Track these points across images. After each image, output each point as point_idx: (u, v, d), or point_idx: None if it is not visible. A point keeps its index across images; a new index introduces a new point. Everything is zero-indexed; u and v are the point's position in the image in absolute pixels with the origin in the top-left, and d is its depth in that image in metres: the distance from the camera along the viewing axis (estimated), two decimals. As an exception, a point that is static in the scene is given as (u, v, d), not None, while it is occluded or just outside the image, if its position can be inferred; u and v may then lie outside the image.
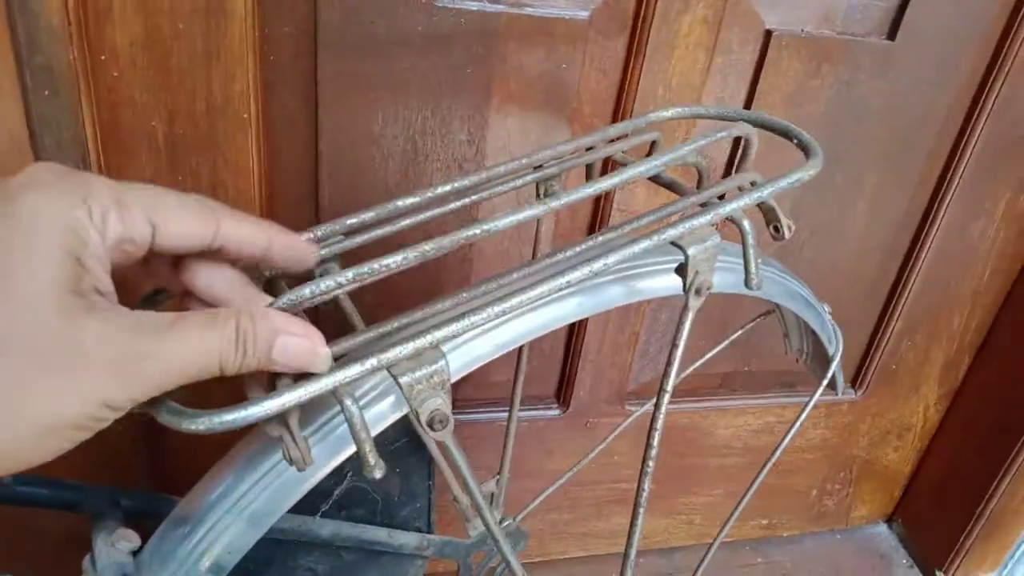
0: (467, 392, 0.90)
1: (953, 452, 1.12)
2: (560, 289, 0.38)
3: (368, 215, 0.41)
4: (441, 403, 0.36)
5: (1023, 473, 1.02)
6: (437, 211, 0.43)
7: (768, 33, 0.73)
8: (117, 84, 0.60)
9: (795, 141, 0.46)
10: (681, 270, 0.43)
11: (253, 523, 0.42)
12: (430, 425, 0.37)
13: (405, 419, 0.61)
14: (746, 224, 0.44)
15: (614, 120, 0.74)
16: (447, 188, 0.44)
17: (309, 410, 0.41)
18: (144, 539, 0.45)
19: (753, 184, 0.45)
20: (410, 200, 0.42)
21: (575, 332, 0.89)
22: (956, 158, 0.87)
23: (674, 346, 0.48)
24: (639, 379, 0.95)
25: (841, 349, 0.70)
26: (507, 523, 0.79)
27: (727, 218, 0.43)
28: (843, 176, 0.85)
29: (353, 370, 0.33)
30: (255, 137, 0.65)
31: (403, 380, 0.35)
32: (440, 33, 0.66)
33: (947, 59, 0.80)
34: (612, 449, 1.01)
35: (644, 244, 0.40)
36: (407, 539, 0.70)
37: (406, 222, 0.42)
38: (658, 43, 0.70)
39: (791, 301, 0.59)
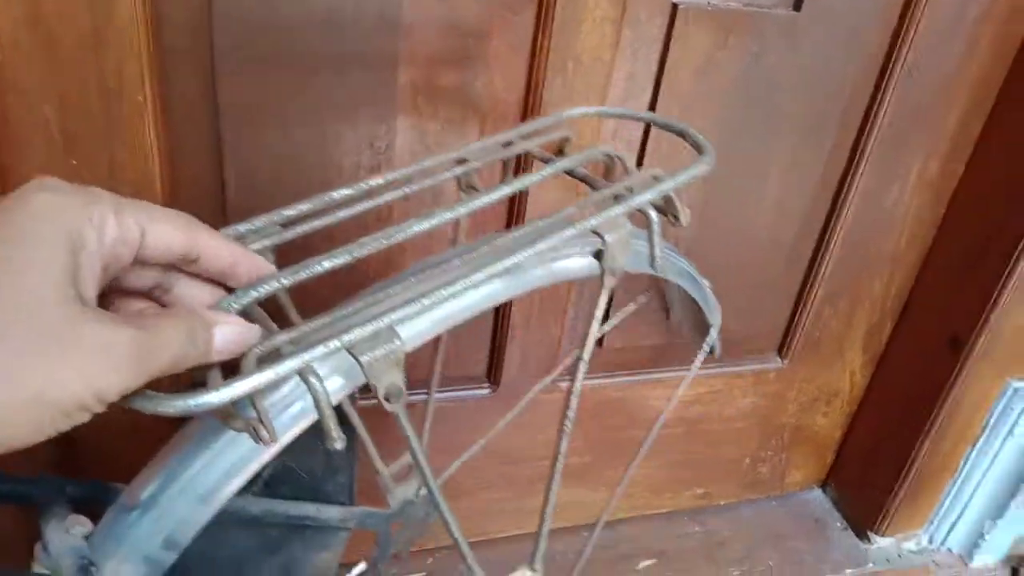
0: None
1: (880, 416, 1.15)
2: (500, 273, 0.43)
3: (304, 207, 0.44)
4: (396, 378, 0.40)
5: (944, 431, 1.06)
6: (369, 204, 0.47)
7: (674, 6, 0.74)
8: (1, 69, 0.58)
9: (689, 141, 0.53)
10: (599, 255, 0.49)
11: (204, 501, 0.44)
12: (387, 398, 0.41)
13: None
14: (652, 214, 0.50)
15: (526, 96, 0.74)
16: (380, 181, 0.48)
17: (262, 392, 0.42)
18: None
19: (656, 179, 0.50)
20: (344, 192, 0.46)
21: (501, 311, 0.89)
22: (867, 126, 0.89)
23: (593, 319, 0.54)
24: (569, 356, 0.96)
25: (719, 322, 0.74)
26: (424, 492, 0.80)
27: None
28: (757, 145, 0.86)
29: (318, 351, 0.36)
30: (151, 126, 0.63)
31: (363, 359, 0.39)
32: (344, 7, 0.65)
33: (853, 28, 0.81)
34: (544, 425, 1.02)
35: (571, 231, 0.45)
36: (332, 513, 0.71)
37: (341, 214, 0.46)
38: (565, 18, 0.70)
39: (681, 279, 0.64)
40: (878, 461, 1.16)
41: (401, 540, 0.81)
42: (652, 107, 0.79)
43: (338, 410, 0.70)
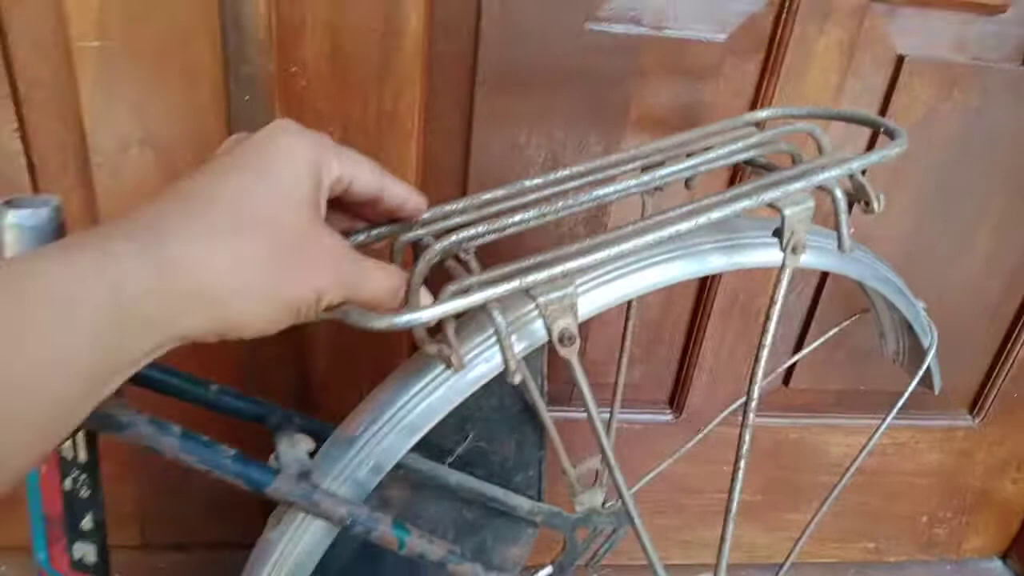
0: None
1: (1076, 488, 1.09)
2: (669, 239, 0.45)
3: (499, 192, 0.50)
4: (570, 323, 0.44)
5: None
6: (557, 188, 0.51)
7: (900, 58, 0.76)
8: (304, 93, 0.68)
9: (882, 129, 0.52)
10: (778, 232, 0.48)
11: (408, 432, 0.50)
12: (560, 341, 0.45)
13: (521, 399, 0.68)
14: (838, 192, 0.48)
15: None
16: (566, 172, 0.52)
17: (463, 337, 0.50)
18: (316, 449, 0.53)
19: (844, 160, 0.49)
20: (536, 181, 0.51)
21: (692, 339, 0.93)
22: (1088, 185, 0.86)
23: (772, 303, 0.53)
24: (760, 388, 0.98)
25: (936, 343, 0.72)
26: (610, 504, 0.83)
27: (821, 187, 0.48)
28: (971, 199, 0.86)
29: (500, 288, 0.41)
30: (416, 144, 0.72)
31: (540, 300, 0.43)
32: (587, 52, 0.72)
33: (1083, 86, 0.80)
34: (722, 459, 1.04)
35: (744, 203, 0.46)
36: (520, 502, 0.75)
37: (531, 197, 0.50)
38: (792, 65, 0.74)
39: (882, 284, 0.63)
40: (1071, 537, 1.10)
41: (591, 551, 0.85)
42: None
43: (529, 410, 0.76)
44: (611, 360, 0.81)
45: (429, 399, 0.50)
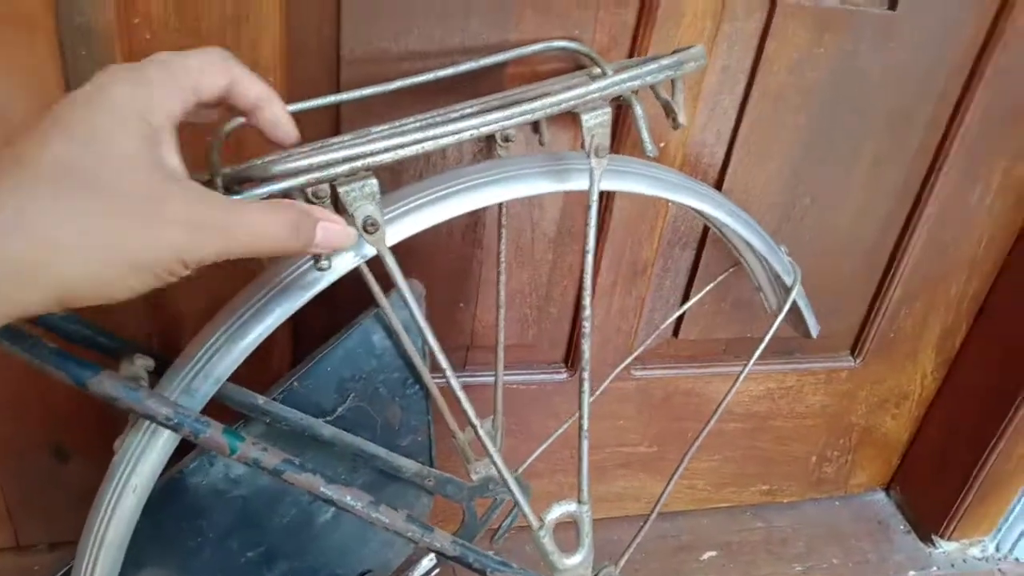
0: (479, 357, 0.93)
1: (949, 419, 1.15)
2: (467, 131, 0.52)
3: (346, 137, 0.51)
4: (373, 210, 0.49)
5: (1017, 437, 1.05)
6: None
7: (773, 3, 0.75)
8: (150, 46, 0.62)
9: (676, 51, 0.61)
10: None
11: (241, 338, 0.52)
12: (365, 229, 0.49)
13: (403, 359, 0.67)
14: (634, 100, 0.57)
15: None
16: (411, 121, 0.55)
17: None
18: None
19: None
20: (382, 127, 0.53)
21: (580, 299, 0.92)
22: (954, 127, 0.89)
23: (588, 206, 0.58)
24: (644, 346, 0.98)
25: (798, 281, 0.76)
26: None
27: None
28: (843, 144, 0.87)
29: (304, 177, 0.47)
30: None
31: (341, 190, 0.48)
32: None
33: (946, 29, 0.82)
34: (617, 413, 1.05)
35: (546, 106, 0.53)
36: (406, 464, 0.73)
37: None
38: (668, 11, 0.72)
39: (727, 216, 0.69)
40: (946, 465, 1.16)
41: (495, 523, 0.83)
42: (744, 100, 0.80)
43: (411, 369, 0.74)
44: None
45: (261, 309, 0.52)
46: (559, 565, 0.64)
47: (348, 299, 0.68)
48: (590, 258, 0.59)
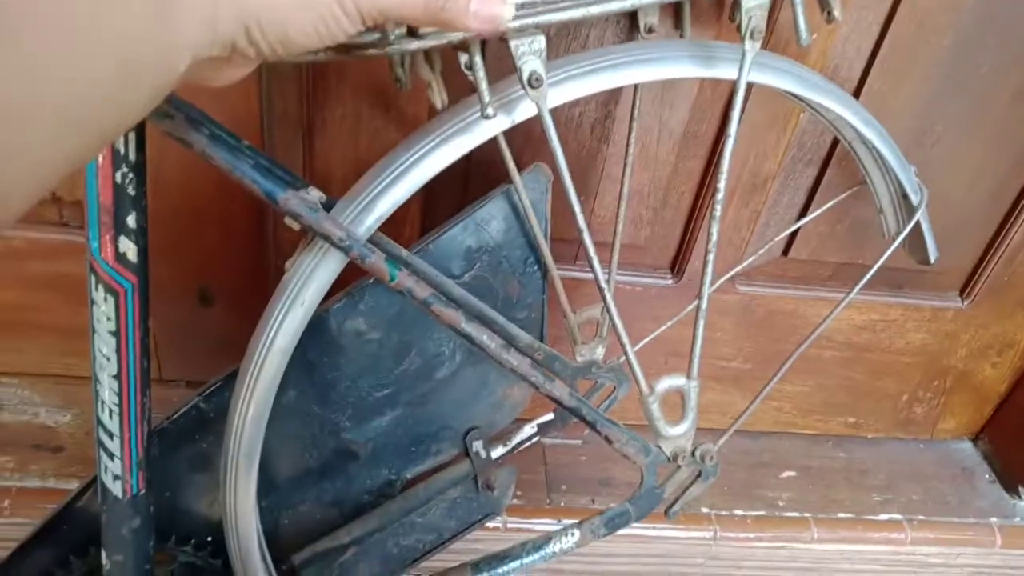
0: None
1: (1052, 375, 1.14)
2: (626, 9, 0.55)
3: None
4: (538, 66, 0.52)
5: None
6: None
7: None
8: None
9: None
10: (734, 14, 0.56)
11: (407, 183, 0.57)
12: (529, 83, 0.52)
13: (525, 238, 0.71)
14: None
15: None
16: None
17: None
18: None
19: None
20: None
21: (698, 203, 0.94)
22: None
23: (735, 90, 0.59)
24: (754, 260, 1.00)
25: (925, 201, 0.76)
26: (611, 361, 0.87)
27: None
28: (985, 74, 0.85)
29: None
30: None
31: (512, 43, 0.51)
32: None
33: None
34: (716, 325, 1.07)
35: None
36: (519, 334, 0.77)
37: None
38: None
39: (858, 120, 0.69)
40: (1042, 420, 1.15)
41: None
42: (890, 15, 0.80)
43: (533, 248, 0.78)
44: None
45: (424, 156, 0.57)
46: (664, 432, 0.68)
47: (472, 184, 0.73)
48: (730, 142, 0.61)
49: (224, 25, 0.36)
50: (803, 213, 0.97)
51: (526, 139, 0.83)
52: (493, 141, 0.60)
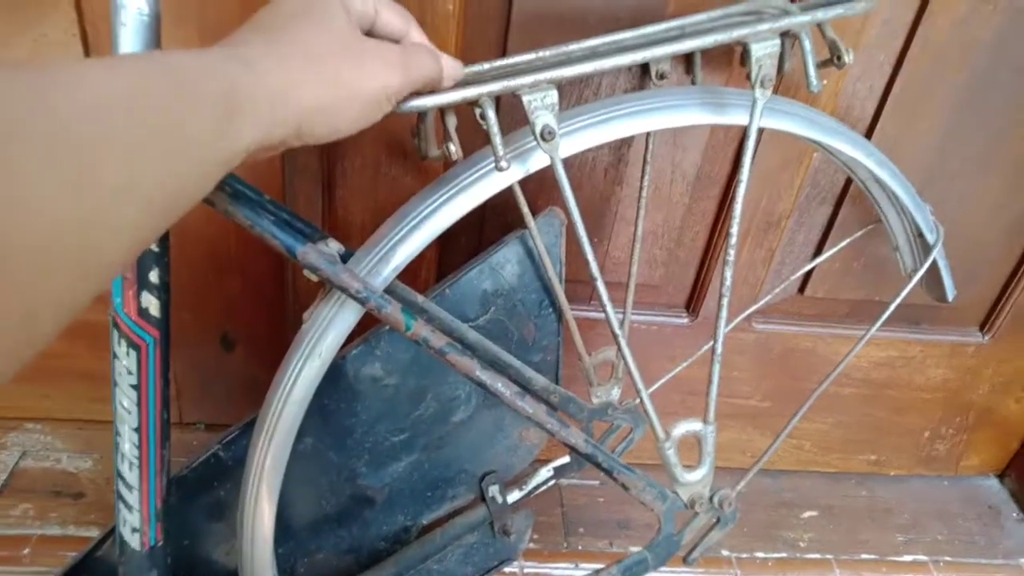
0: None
1: (1079, 409, 1.12)
2: (637, 61, 0.56)
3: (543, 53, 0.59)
4: (551, 120, 0.54)
5: None
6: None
7: (944, -44, 0.75)
8: None
9: None
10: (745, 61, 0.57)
11: (421, 235, 0.58)
12: (542, 137, 0.54)
13: (540, 281, 0.72)
14: (804, 36, 0.58)
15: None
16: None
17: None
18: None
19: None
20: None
21: (712, 243, 0.94)
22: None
23: (746, 136, 0.60)
24: (770, 299, 0.99)
25: (941, 240, 0.75)
26: (627, 403, 0.86)
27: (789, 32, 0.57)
28: (1001, 108, 0.85)
29: (491, 86, 0.53)
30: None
31: (524, 99, 0.53)
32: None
33: None
34: (733, 364, 1.07)
35: (716, 36, 0.56)
36: (535, 376, 0.78)
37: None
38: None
39: (875, 163, 0.69)
40: (1070, 456, 1.13)
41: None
42: (903, 54, 0.80)
43: (548, 292, 0.79)
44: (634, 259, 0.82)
45: (440, 207, 0.59)
46: (680, 478, 0.68)
47: (488, 229, 0.73)
48: (742, 187, 0.62)
49: (280, 128, 0.40)
50: (818, 251, 0.97)
51: (540, 184, 0.84)
52: (508, 187, 0.61)
